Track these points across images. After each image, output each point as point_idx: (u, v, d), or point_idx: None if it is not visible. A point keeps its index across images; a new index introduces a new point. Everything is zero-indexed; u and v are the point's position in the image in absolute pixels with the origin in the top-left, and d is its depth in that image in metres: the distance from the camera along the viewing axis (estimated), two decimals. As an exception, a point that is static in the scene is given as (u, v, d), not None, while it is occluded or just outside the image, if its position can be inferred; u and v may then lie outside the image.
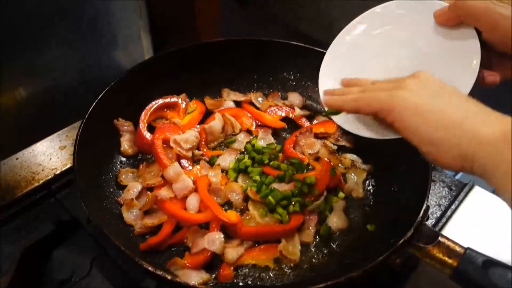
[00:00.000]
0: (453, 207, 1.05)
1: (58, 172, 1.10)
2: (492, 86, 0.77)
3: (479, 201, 1.08)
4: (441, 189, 1.11)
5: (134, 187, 0.99)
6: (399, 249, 0.78)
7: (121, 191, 1.01)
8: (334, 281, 0.73)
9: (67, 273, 0.95)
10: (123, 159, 1.08)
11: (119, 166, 1.07)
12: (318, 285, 0.72)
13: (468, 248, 0.77)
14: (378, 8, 0.89)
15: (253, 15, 1.83)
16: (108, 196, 0.99)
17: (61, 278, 0.94)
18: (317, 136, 1.14)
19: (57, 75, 1.33)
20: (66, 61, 1.35)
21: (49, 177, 1.09)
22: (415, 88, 0.67)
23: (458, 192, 1.09)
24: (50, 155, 1.15)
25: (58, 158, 1.14)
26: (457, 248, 0.77)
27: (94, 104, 1.02)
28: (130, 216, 0.95)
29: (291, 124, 1.19)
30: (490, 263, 0.75)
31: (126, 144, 1.09)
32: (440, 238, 0.79)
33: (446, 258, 0.77)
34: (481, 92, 0.73)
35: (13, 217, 1.03)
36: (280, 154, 1.09)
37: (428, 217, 0.91)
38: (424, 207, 0.82)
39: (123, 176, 1.03)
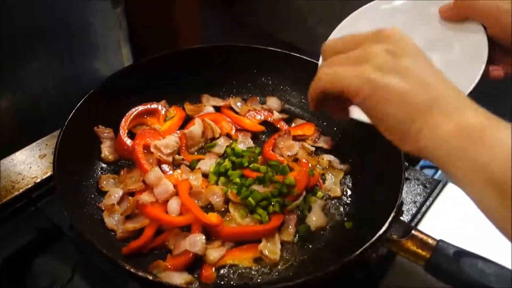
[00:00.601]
0: (427, 203, 1.09)
1: (38, 180, 1.10)
2: (497, 80, 0.81)
3: (453, 197, 1.11)
4: (416, 186, 1.14)
5: (115, 193, 1.00)
6: (375, 244, 0.80)
7: (102, 197, 1.01)
8: (313, 275, 0.75)
9: (48, 281, 0.95)
10: (104, 165, 1.09)
11: (99, 173, 1.07)
12: (297, 280, 0.74)
13: (440, 240, 0.80)
14: (382, 4, 0.91)
15: (232, 24, 1.86)
16: (89, 202, 1.00)
17: (42, 287, 0.94)
18: (295, 138, 1.16)
19: (37, 86, 1.33)
20: (45, 72, 1.35)
21: (29, 185, 1.09)
22: (384, 62, 0.58)
23: (432, 189, 1.13)
24: (30, 164, 1.14)
25: (38, 166, 1.14)
26: (430, 241, 0.80)
27: (73, 111, 1.03)
28: (112, 221, 0.95)
29: (270, 128, 1.21)
30: (461, 253, 0.78)
31: (106, 150, 1.09)
32: (413, 232, 0.82)
33: (419, 251, 0.80)
34: (481, 92, 0.76)
35: (-7, 227, 1.03)
36: (260, 157, 1.11)
37: (403, 212, 0.94)
38: (398, 203, 0.86)
39: (104, 182, 1.03)
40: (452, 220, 1.05)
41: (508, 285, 0.72)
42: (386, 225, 0.81)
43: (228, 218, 0.98)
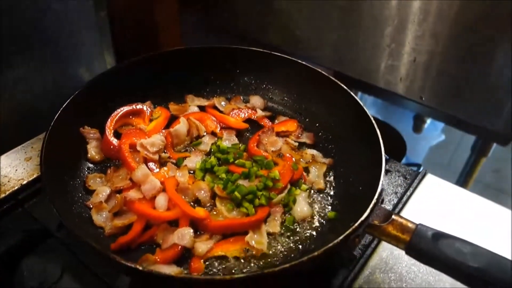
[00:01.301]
0: (408, 193, 1.12)
1: (24, 182, 1.11)
2: None
3: (431, 187, 1.16)
4: (396, 178, 1.18)
5: (103, 191, 1.01)
6: (357, 229, 0.83)
7: (89, 196, 1.02)
8: (298, 261, 0.78)
9: (37, 281, 0.95)
10: (90, 165, 1.10)
11: (86, 172, 1.08)
12: (284, 265, 0.77)
13: (419, 224, 0.84)
14: None
15: (213, 27, 1.89)
16: (77, 201, 1.00)
17: (31, 286, 0.94)
18: (279, 134, 1.19)
19: (20, 92, 1.33)
20: (28, 79, 1.36)
21: (16, 187, 1.09)
22: None
23: (412, 180, 1.17)
24: (16, 166, 1.15)
25: (24, 169, 1.14)
26: (409, 224, 0.83)
27: (58, 112, 1.04)
28: (100, 218, 0.96)
29: (254, 125, 1.24)
30: (439, 235, 0.81)
31: (93, 150, 1.11)
32: (393, 217, 0.85)
33: (400, 234, 0.83)
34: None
35: (-20, 229, 1.03)
36: (245, 153, 1.13)
37: (383, 200, 0.97)
38: (378, 189, 0.89)
39: (91, 181, 1.04)
40: (431, 208, 1.09)
41: (483, 262, 0.75)
42: (368, 211, 0.84)
43: (215, 213, 1.00)
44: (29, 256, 0.99)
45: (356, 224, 0.83)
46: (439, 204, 1.10)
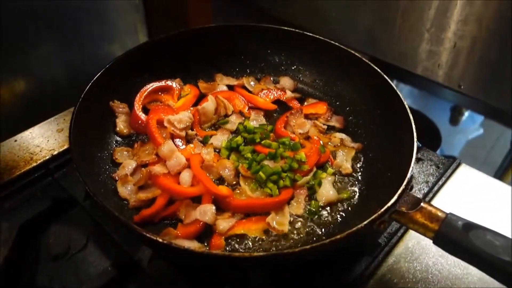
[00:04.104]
0: (440, 182, 1.08)
1: (55, 153, 1.13)
2: None
3: (465, 177, 1.11)
4: (428, 167, 1.14)
5: (129, 164, 1.02)
6: (383, 214, 0.80)
7: (116, 168, 1.03)
8: (320, 243, 0.76)
9: (63, 247, 0.98)
10: (119, 138, 1.11)
11: (114, 145, 1.09)
12: (304, 246, 0.75)
13: (450, 213, 0.80)
14: None
15: (244, 9, 1.87)
16: (104, 172, 1.02)
17: (57, 252, 0.97)
18: (307, 117, 1.17)
19: (55, 68, 1.37)
20: (62, 55, 1.39)
21: (47, 157, 1.12)
22: None
23: (445, 169, 1.12)
24: (48, 137, 1.18)
25: (55, 140, 1.17)
26: (439, 213, 0.80)
27: (89, 85, 1.05)
28: (125, 190, 0.97)
29: (283, 106, 1.22)
30: (471, 226, 0.77)
31: (121, 124, 1.11)
32: (422, 204, 0.81)
33: (428, 222, 0.79)
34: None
35: (12, 195, 1.06)
36: (272, 134, 1.12)
37: (412, 187, 0.93)
38: (408, 175, 0.85)
39: (118, 154, 1.05)
40: (464, 200, 1.05)
41: (516, 256, 0.71)
42: (396, 196, 0.81)
43: (238, 191, 0.99)
44: (56, 223, 1.02)
45: (383, 210, 0.80)
46: (472, 196, 1.05)
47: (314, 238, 0.92)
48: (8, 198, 1.05)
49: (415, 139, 0.94)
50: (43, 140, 1.17)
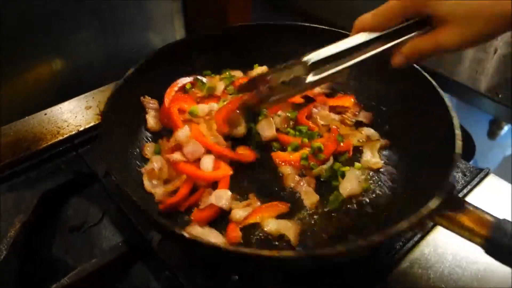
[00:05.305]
0: (465, 191, 1.03)
1: (81, 128, 1.16)
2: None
3: (493, 187, 1.05)
4: (454, 174, 1.09)
5: (157, 160, 0.99)
6: (426, 217, 0.72)
7: (144, 163, 1.01)
8: (357, 245, 0.70)
9: (80, 219, 1.01)
10: (148, 134, 1.10)
11: (145, 141, 1.08)
12: (340, 248, 0.69)
13: (503, 219, 0.71)
14: None
15: (280, 6, 1.86)
16: (134, 166, 1.01)
17: (74, 224, 1.00)
18: (334, 110, 1.16)
19: (93, 51, 1.40)
20: (100, 40, 1.43)
21: (73, 132, 1.15)
22: None
23: (472, 177, 1.07)
24: (76, 113, 1.21)
25: (83, 116, 1.20)
26: (488, 217, 0.71)
27: (123, 78, 1.03)
28: (150, 184, 0.95)
29: (310, 102, 1.20)
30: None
31: (151, 120, 1.10)
32: (467, 206, 0.72)
33: (475, 227, 0.70)
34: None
35: (38, 165, 1.10)
36: (291, 122, 1.13)
37: (454, 187, 0.86)
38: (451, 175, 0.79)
39: (147, 149, 1.04)
40: (490, 211, 0.99)
41: None
42: (442, 197, 0.72)
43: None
44: (75, 196, 1.05)
45: (428, 210, 0.71)
46: (499, 207, 1.00)
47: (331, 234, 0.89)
48: (34, 168, 1.09)
49: (458, 132, 0.87)
50: (71, 115, 1.20)
